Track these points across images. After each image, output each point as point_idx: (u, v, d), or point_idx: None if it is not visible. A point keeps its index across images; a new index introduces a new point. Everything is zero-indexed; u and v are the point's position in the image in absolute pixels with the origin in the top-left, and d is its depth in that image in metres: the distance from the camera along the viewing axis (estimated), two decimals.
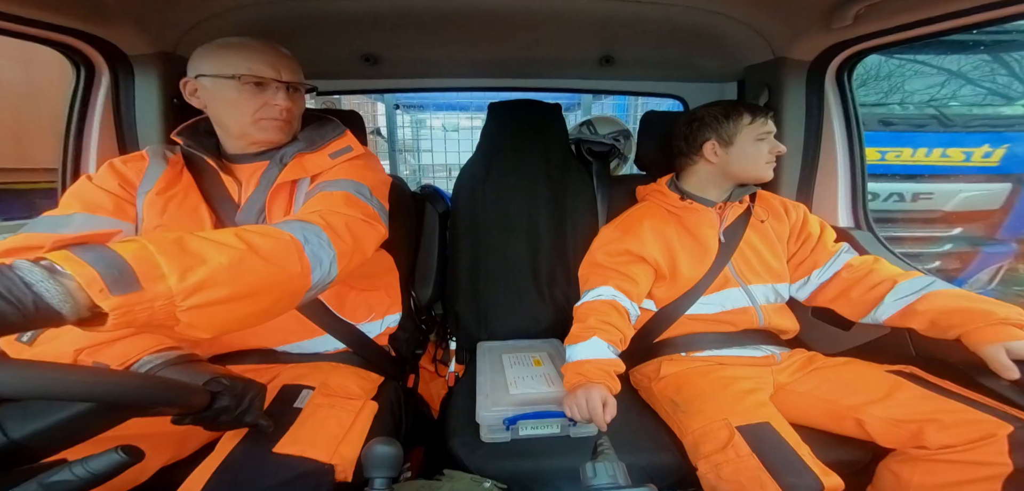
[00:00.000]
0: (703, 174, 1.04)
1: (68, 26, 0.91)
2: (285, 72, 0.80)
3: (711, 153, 1.01)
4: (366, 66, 1.38)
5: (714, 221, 1.02)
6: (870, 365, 0.88)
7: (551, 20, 1.12)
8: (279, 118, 0.81)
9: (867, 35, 1.02)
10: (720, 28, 1.14)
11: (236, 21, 1.04)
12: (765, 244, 1.02)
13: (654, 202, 1.09)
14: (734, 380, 0.87)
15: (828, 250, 1.01)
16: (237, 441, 0.65)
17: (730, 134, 0.98)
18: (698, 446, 0.77)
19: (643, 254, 1.00)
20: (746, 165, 0.99)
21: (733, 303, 0.98)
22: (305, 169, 0.83)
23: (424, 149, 3.34)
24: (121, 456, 0.40)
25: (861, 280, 0.93)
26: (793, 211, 1.06)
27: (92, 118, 1.07)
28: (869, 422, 0.77)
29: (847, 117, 1.23)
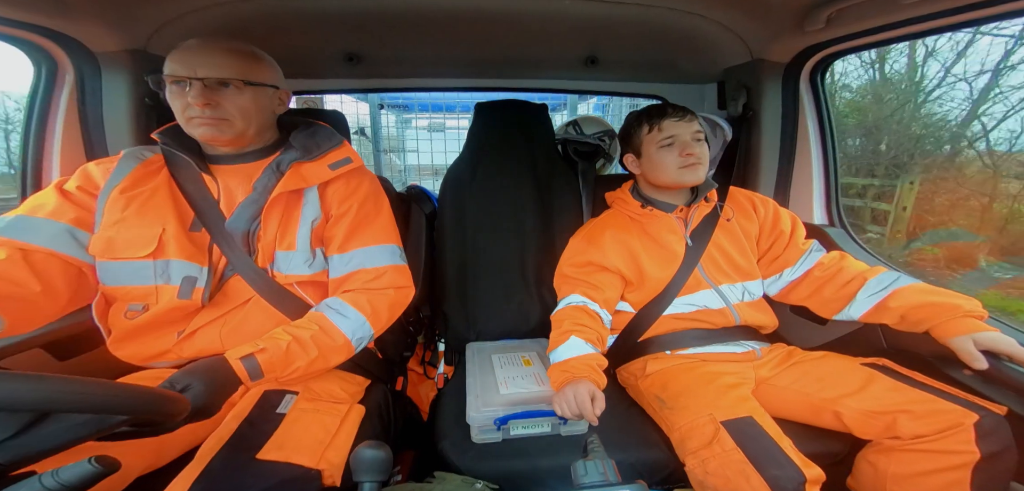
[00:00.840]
0: (642, 183, 1.08)
1: (29, 22, 0.87)
2: (202, 69, 0.75)
3: (633, 165, 1.05)
4: (349, 65, 1.36)
5: (675, 226, 1.03)
6: (845, 358, 0.91)
7: (535, 21, 1.13)
8: (201, 116, 0.76)
9: (839, 38, 1.06)
10: (699, 30, 1.16)
11: (210, 18, 1.01)
12: (733, 244, 1.02)
13: (618, 209, 1.10)
14: (717, 376, 0.89)
15: (799, 248, 1.02)
16: (218, 448, 0.64)
17: (637, 146, 1.02)
18: (685, 442, 0.78)
19: (605, 264, 1.01)
20: (658, 174, 1.00)
21: (706, 303, 0.99)
22: (305, 179, 0.83)
23: (409, 149, 3.31)
24: (95, 466, 0.38)
25: (832, 278, 0.95)
26: (762, 207, 1.06)
27: (55, 119, 1.02)
28: (846, 414, 0.79)
29: (821, 117, 1.27)
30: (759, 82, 1.26)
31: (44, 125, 1.01)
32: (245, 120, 0.80)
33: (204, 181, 0.82)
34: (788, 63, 1.23)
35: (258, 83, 0.80)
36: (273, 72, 0.84)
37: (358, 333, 0.82)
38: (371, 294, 0.85)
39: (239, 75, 0.77)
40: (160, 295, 0.77)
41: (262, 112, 0.82)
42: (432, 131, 3.24)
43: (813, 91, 1.26)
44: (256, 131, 0.83)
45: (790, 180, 1.32)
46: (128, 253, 0.76)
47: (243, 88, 0.78)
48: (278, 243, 0.82)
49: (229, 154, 0.84)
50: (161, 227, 0.77)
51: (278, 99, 0.86)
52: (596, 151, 1.66)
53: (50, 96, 1.01)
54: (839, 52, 1.15)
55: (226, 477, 0.60)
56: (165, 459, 0.73)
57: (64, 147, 1.03)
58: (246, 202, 0.82)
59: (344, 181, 0.89)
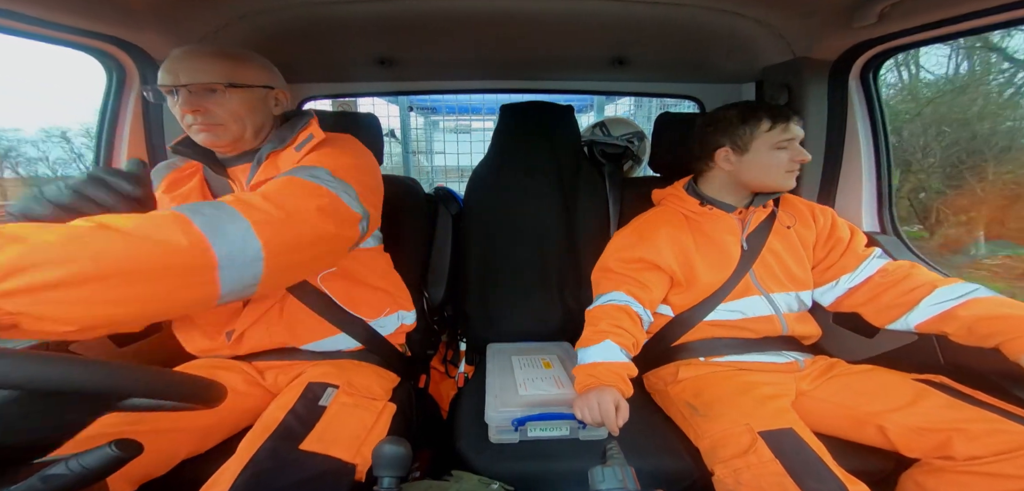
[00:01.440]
0: (718, 180, 1.00)
1: (102, 32, 0.96)
2: (184, 75, 0.75)
3: (724, 160, 0.96)
4: (381, 69, 1.40)
5: (734, 227, 0.98)
6: (895, 373, 0.85)
7: (563, 22, 1.12)
8: (195, 122, 0.78)
9: (893, 34, 0.99)
10: (737, 28, 1.12)
11: (253, 26, 1.06)
12: (789, 251, 0.97)
13: (671, 207, 1.04)
14: (755, 385, 0.85)
15: (858, 255, 0.95)
16: (265, 436, 0.66)
17: (745, 141, 0.93)
18: (716, 450, 0.75)
19: (658, 262, 0.96)
20: (760, 174, 0.93)
21: (754, 311, 0.95)
22: (277, 166, 0.82)
23: (437, 151, 3.37)
24: (115, 451, 0.39)
25: (896, 285, 0.88)
26: (821, 216, 1.01)
27: (123, 121, 1.11)
28: (892, 430, 0.74)
29: (873, 118, 1.19)
30: (802, 81, 1.19)
31: (115, 126, 1.11)
32: (238, 123, 0.80)
33: (229, 184, 0.86)
34: (835, 61, 1.15)
35: (244, 84, 0.79)
36: (263, 73, 0.84)
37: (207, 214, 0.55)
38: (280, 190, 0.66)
39: (222, 79, 0.76)
40: None
41: (255, 113, 0.82)
42: (458, 133, 3.29)
43: (865, 91, 1.17)
44: (253, 132, 0.83)
45: (836, 184, 1.24)
46: None
47: (229, 91, 0.77)
48: None
49: (235, 156, 0.86)
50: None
51: (274, 99, 0.86)
52: (624, 153, 1.62)
53: (120, 100, 1.11)
54: (893, 49, 1.07)
55: (272, 465, 0.63)
56: (209, 444, 0.76)
57: (131, 146, 1.12)
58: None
59: (313, 155, 0.82)
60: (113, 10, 0.91)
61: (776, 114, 0.92)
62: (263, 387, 0.87)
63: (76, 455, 0.39)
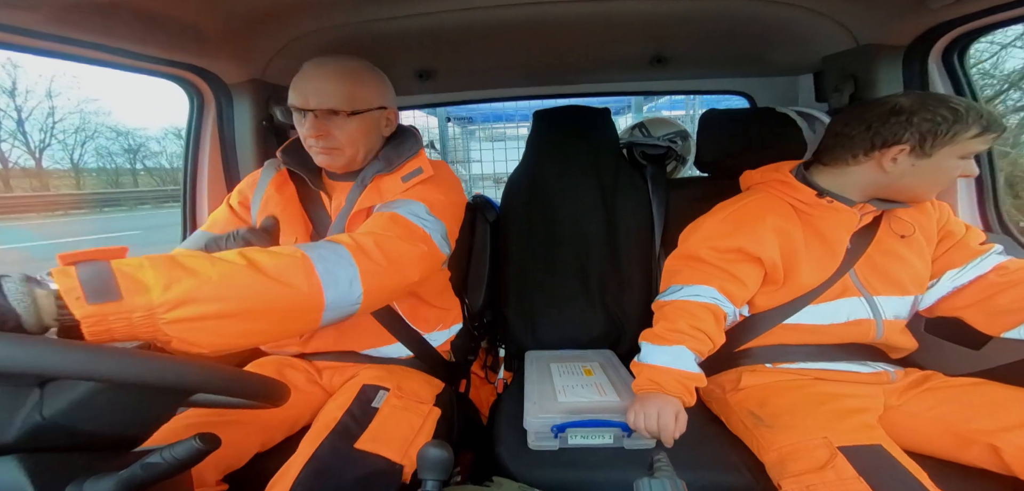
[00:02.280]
0: (855, 177, 0.82)
1: (182, 61, 1.06)
2: (313, 99, 0.78)
3: (890, 161, 0.77)
4: (420, 81, 1.44)
5: (852, 225, 0.84)
6: (1009, 387, 0.73)
7: (599, 24, 1.10)
8: (316, 146, 0.81)
9: (978, 13, 0.87)
10: (790, 18, 1.04)
11: (313, 46, 1.14)
12: (911, 248, 0.83)
13: (775, 193, 0.89)
14: (835, 397, 0.76)
15: (971, 250, 0.82)
16: (325, 434, 0.70)
17: (934, 143, 0.74)
18: (785, 463, 0.68)
19: (759, 254, 0.83)
20: (922, 184, 0.77)
21: (848, 314, 0.83)
22: (381, 193, 0.84)
23: (474, 159, 3.44)
24: (199, 444, 0.44)
25: (1017, 284, 0.75)
26: (938, 208, 0.87)
27: (204, 142, 1.22)
28: (1008, 451, 0.64)
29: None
30: (871, 70, 1.08)
31: (198, 149, 1.23)
32: (354, 146, 0.83)
33: (320, 197, 0.90)
34: (909, 46, 1.04)
35: (364, 109, 0.81)
36: (380, 93, 0.85)
37: (328, 259, 0.61)
38: (361, 234, 0.70)
39: (345, 104, 0.79)
40: None
41: (370, 136, 0.85)
42: (494, 141, 3.34)
43: (950, 75, 1.04)
44: (364, 154, 0.86)
45: None
46: None
47: (350, 117, 0.80)
48: None
49: (338, 173, 0.90)
50: (294, 237, 0.87)
51: (386, 119, 0.88)
52: (666, 154, 1.57)
53: (201, 122, 1.23)
54: (979, 29, 0.94)
55: (331, 462, 0.66)
56: (273, 441, 0.81)
57: (210, 163, 1.23)
58: (341, 213, 0.87)
59: (417, 190, 0.84)
60: (193, 42, 1.01)
61: (988, 119, 0.72)
62: (320, 386, 0.91)
63: (169, 447, 0.44)
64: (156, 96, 12.38)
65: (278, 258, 0.57)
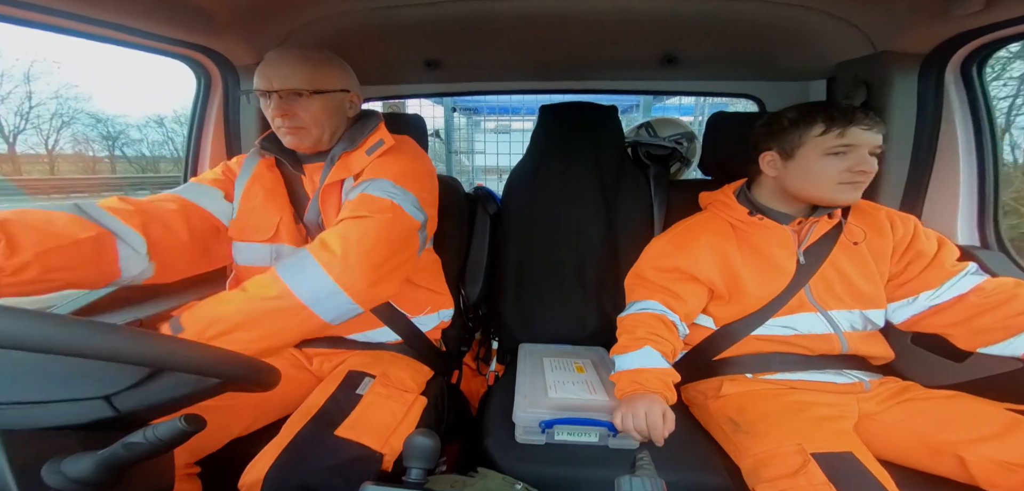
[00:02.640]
0: (767, 187, 0.91)
1: (190, 40, 1.06)
2: (276, 80, 0.80)
3: (769, 165, 0.87)
4: (428, 71, 1.44)
5: (788, 240, 0.88)
6: (985, 401, 0.74)
7: (610, 21, 1.09)
8: (283, 126, 0.83)
9: (1003, 22, 0.85)
10: (804, 22, 1.02)
11: (319, 32, 1.13)
12: (857, 266, 0.86)
13: (715, 213, 0.97)
14: (810, 405, 0.77)
15: (945, 270, 0.84)
16: (306, 420, 0.71)
17: (792, 145, 0.83)
18: (760, 469, 0.69)
19: (695, 273, 0.90)
20: (806, 184, 0.82)
21: (809, 328, 0.86)
22: (349, 168, 0.87)
23: (478, 151, 3.43)
24: (184, 425, 0.43)
25: (1000, 306, 0.76)
26: (901, 226, 0.88)
27: (209, 122, 1.23)
28: (974, 462, 0.66)
29: (977, 117, 1.03)
30: (885, 77, 1.06)
31: (202, 127, 1.23)
32: (318, 126, 0.85)
33: (301, 180, 0.92)
34: (927, 54, 1.02)
35: (326, 90, 0.84)
36: (342, 76, 0.88)
37: (317, 292, 0.69)
38: (347, 225, 0.75)
39: (308, 85, 0.81)
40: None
41: (333, 116, 0.87)
42: (499, 133, 3.33)
43: (967, 87, 1.02)
44: (330, 134, 0.88)
45: (924, 190, 1.09)
46: (254, 236, 0.89)
47: (313, 96, 0.82)
48: None
49: (312, 155, 0.92)
50: (278, 217, 0.89)
51: (349, 102, 0.90)
52: (671, 155, 1.55)
53: (207, 103, 1.23)
54: (1003, 39, 0.91)
55: (308, 447, 0.67)
56: (260, 423, 0.82)
57: (213, 145, 1.23)
58: (314, 196, 0.89)
59: (381, 160, 0.88)
60: (203, 22, 1.01)
61: (834, 116, 0.79)
62: (310, 372, 0.92)
63: (152, 426, 0.44)
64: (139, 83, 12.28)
65: (255, 281, 0.70)
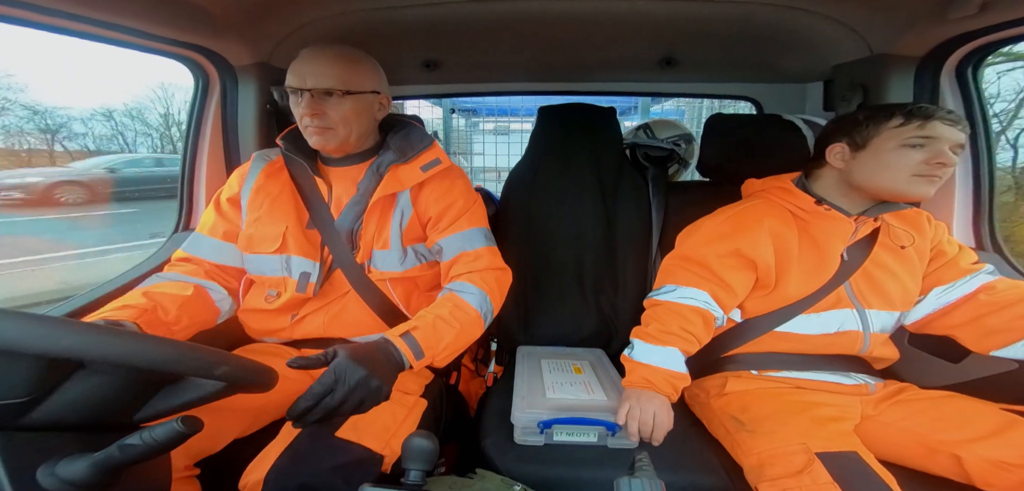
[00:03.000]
0: (829, 180, 0.87)
1: (188, 41, 1.05)
2: (310, 79, 0.80)
3: (835, 156, 0.84)
4: (427, 71, 1.44)
5: (846, 235, 0.85)
6: (979, 401, 0.75)
7: (609, 23, 1.09)
8: (312, 125, 0.83)
9: (998, 25, 0.86)
10: (802, 25, 1.03)
11: (320, 31, 1.13)
12: (904, 265, 0.85)
13: (774, 200, 0.91)
14: (814, 405, 0.77)
15: (960, 268, 0.84)
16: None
17: (864, 136, 0.79)
18: (764, 468, 0.69)
19: (755, 257, 0.85)
20: (877, 174, 0.79)
21: (839, 325, 0.85)
22: (400, 182, 0.87)
23: (476, 152, 3.44)
24: (181, 427, 0.43)
25: (1009, 306, 0.76)
26: (936, 227, 0.88)
27: (206, 123, 1.21)
28: (970, 461, 0.66)
29: (973, 120, 1.04)
30: (882, 80, 1.07)
31: (199, 128, 1.21)
32: (347, 127, 0.84)
33: (316, 183, 0.91)
34: (923, 57, 1.03)
35: (358, 91, 0.83)
36: (373, 78, 0.87)
37: (483, 306, 0.86)
38: (477, 274, 0.89)
39: (341, 84, 0.81)
40: (287, 285, 0.88)
41: (362, 118, 0.86)
42: (497, 134, 3.33)
43: (962, 89, 1.03)
44: (358, 137, 0.87)
45: None
46: (262, 248, 0.88)
47: (344, 97, 0.82)
48: (375, 242, 0.89)
49: (337, 158, 0.91)
50: (285, 225, 0.88)
51: (379, 104, 0.90)
52: (669, 156, 1.55)
53: (205, 104, 1.21)
54: (997, 42, 0.93)
55: (309, 448, 0.66)
56: (259, 425, 0.81)
57: (211, 147, 1.22)
58: (351, 202, 0.89)
59: (437, 181, 0.91)
60: (202, 22, 1.00)
61: (914, 110, 0.76)
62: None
63: (149, 428, 0.43)
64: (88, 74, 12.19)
65: (470, 319, 0.84)
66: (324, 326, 0.90)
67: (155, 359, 0.43)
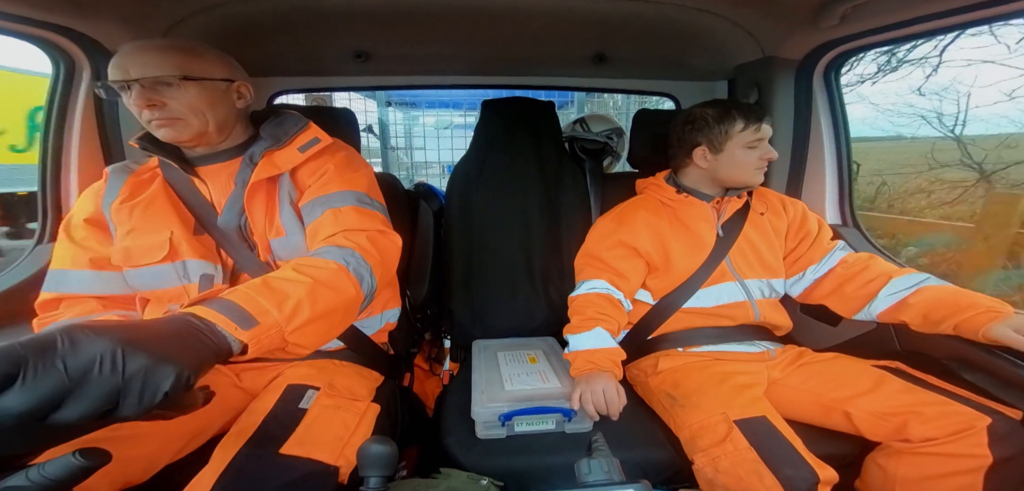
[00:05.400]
0: (695, 175, 1.05)
1: (46, 20, 0.89)
2: (134, 70, 0.72)
3: (701, 158, 1.01)
4: (357, 63, 1.36)
5: (709, 215, 1.03)
6: (857, 360, 0.90)
7: (544, 18, 1.12)
8: (152, 118, 0.75)
9: (854, 34, 1.04)
10: (711, 27, 1.15)
11: (221, 17, 1.01)
12: (762, 239, 1.02)
13: (650, 194, 1.10)
14: (731, 374, 0.88)
15: (824, 247, 1.02)
16: (243, 442, 0.65)
17: (720, 141, 0.98)
18: (695, 440, 0.78)
19: (636, 245, 1.01)
20: (734, 172, 0.99)
21: (729, 297, 0.99)
22: (277, 165, 0.82)
23: (417, 146, 3.34)
24: (79, 461, 0.36)
25: (856, 276, 0.94)
26: (791, 208, 1.07)
27: (73, 116, 1.03)
28: (856, 415, 0.78)
29: (834, 115, 1.25)
30: (771, 79, 1.24)
31: (62, 122, 1.03)
32: (198, 117, 0.77)
33: (194, 184, 0.83)
34: (801, 60, 1.21)
35: (200, 77, 0.76)
36: (221, 66, 0.81)
37: (348, 260, 0.69)
38: (341, 234, 0.76)
39: (175, 71, 0.74)
40: (189, 294, 0.79)
41: (217, 107, 0.79)
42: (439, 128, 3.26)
43: (827, 88, 1.24)
44: (217, 127, 0.80)
45: (802, 178, 1.31)
46: (146, 259, 0.78)
47: (185, 84, 0.75)
48: (268, 232, 0.83)
49: (205, 154, 0.84)
50: (168, 230, 0.79)
51: (236, 93, 0.83)
52: (603, 149, 1.65)
53: (69, 94, 1.03)
54: (854, 49, 1.13)
55: (251, 470, 0.61)
56: (192, 448, 0.74)
57: (82, 143, 1.04)
58: (231, 197, 0.83)
59: (316, 160, 0.86)
60: (63, 1, 0.85)
61: (749, 115, 0.96)
62: (241, 388, 0.84)
63: (38, 466, 0.37)
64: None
65: (326, 270, 0.66)
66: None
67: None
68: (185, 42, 0.78)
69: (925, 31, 0.97)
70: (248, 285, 0.57)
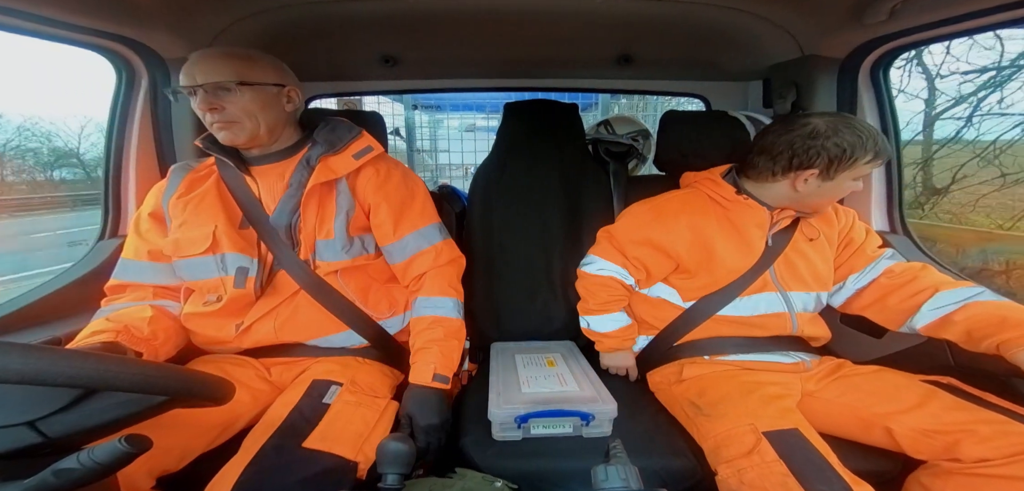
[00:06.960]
0: (773, 191, 0.93)
1: (108, 31, 0.96)
2: (199, 76, 0.79)
3: (804, 183, 0.87)
4: (385, 67, 1.40)
5: (764, 222, 0.94)
6: (903, 374, 0.84)
7: (568, 20, 1.12)
8: (213, 121, 0.82)
9: (904, 31, 0.97)
10: (745, 26, 1.11)
11: (261, 25, 1.07)
12: (817, 250, 0.95)
13: (699, 189, 1.01)
14: (761, 385, 0.84)
15: (867, 255, 0.94)
16: (269, 434, 0.68)
17: (839, 169, 0.83)
18: (720, 450, 0.75)
19: (667, 247, 0.96)
20: (823, 201, 0.89)
21: (768, 307, 0.93)
22: (333, 170, 0.88)
23: (441, 149, 3.39)
24: (124, 446, 0.40)
25: (902, 287, 0.87)
26: (843, 215, 0.99)
27: (132, 120, 1.11)
28: (899, 431, 0.74)
29: (883, 115, 1.17)
30: (811, 79, 1.18)
31: (124, 126, 1.11)
32: (252, 120, 0.83)
33: (246, 181, 0.88)
34: (844, 58, 1.14)
35: (255, 82, 0.82)
36: (274, 71, 0.86)
37: (459, 311, 0.94)
38: (438, 272, 0.95)
39: (234, 77, 0.80)
40: (225, 286, 0.84)
41: (268, 110, 0.85)
42: (463, 131, 3.30)
43: (875, 87, 1.16)
44: (268, 129, 0.85)
45: None
46: (190, 250, 0.84)
47: (241, 89, 0.81)
48: (317, 232, 0.87)
49: (258, 155, 0.90)
50: (213, 225, 0.84)
51: (286, 97, 0.88)
52: (628, 152, 1.62)
53: (129, 100, 1.11)
54: (905, 46, 1.05)
55: (275, 462, 0.64)
56: (224, 439, 0.78)
57: (140, 146, 1.12)
58: (285, 197, 0.88)
59: (372, 170, 0.93)
60: (123, 10, 0.92)
61: (879, 145, 0.82)
62: (269, 382, 0.88)
63: (88, 450, 0.40)
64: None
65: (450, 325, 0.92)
66: (275, 332, 0.87)
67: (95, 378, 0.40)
68: (243, 51, 0.84)
69: (982, 26, 0.89)
70: (435, 352, 0.87)
